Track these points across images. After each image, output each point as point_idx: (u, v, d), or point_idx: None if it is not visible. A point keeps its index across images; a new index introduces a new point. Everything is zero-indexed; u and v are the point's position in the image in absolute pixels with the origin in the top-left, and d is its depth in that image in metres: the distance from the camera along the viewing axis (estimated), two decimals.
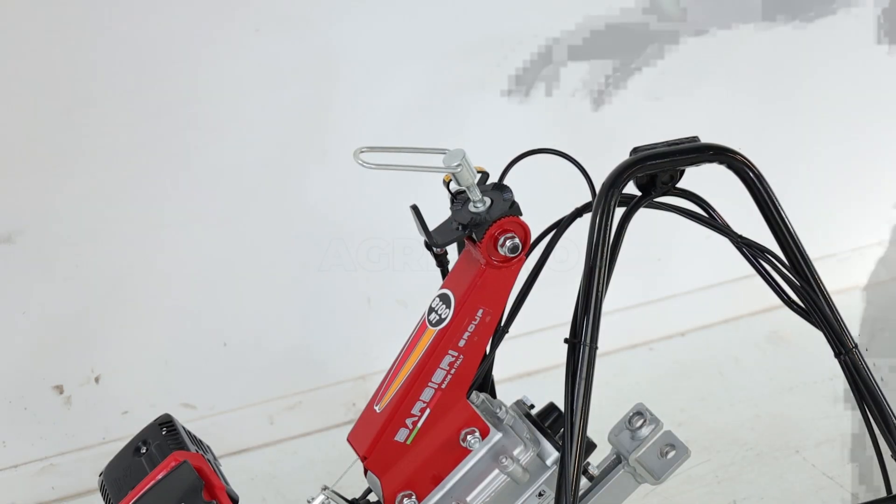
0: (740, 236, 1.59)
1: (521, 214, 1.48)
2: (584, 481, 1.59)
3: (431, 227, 1.50)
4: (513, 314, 1.59)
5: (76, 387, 2.55)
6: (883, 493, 1.73)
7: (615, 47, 2.73)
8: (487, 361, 1.61)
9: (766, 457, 2.47)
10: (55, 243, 2.45)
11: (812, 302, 1.55)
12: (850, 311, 2.70)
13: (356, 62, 2.56)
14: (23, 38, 2.30)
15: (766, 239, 1.55)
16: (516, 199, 1.49)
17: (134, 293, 2.56)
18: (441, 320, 1.49)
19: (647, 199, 1.57)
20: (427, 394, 1.50)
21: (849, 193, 3.17)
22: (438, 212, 1.55)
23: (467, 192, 1.48)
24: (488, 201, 1.49)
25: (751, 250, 1.56)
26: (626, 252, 1.57)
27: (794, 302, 1.58)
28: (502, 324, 1.58)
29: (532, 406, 1.63)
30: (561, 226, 1.60)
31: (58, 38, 2.32)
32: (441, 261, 1.67)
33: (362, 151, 1.45)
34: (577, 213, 1.59)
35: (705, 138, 1.58)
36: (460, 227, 1.49)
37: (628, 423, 1.59)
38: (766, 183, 1.52)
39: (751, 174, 1.53)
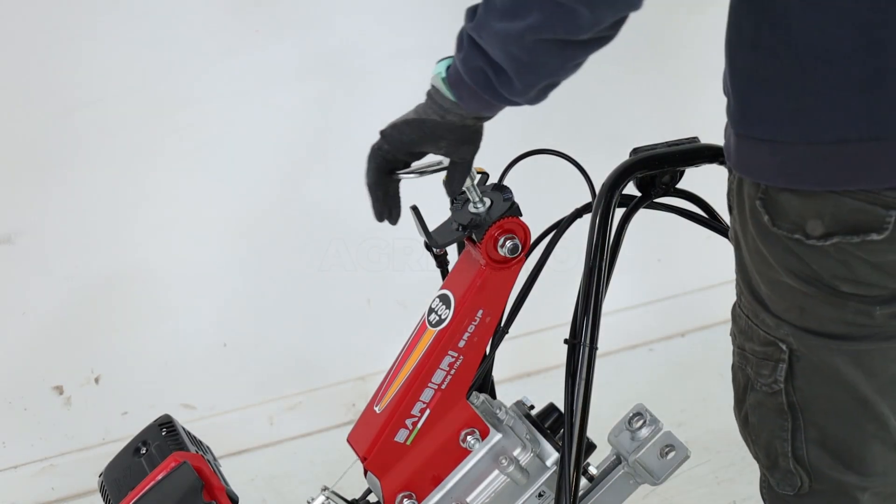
0: None
1: (520, 215, 1.48)
2: (583, 482, 1.58)
3: (431, 227, 1.50)
4: (513, 314, 1.58)
5: (76, 387, 2.55)
6: None
7: (615, 47, 2.73)
8: (487, 362, 1.60)
9: None
10: (55, 243, 2.45)
11: None
12: None
13: (357, 62, 2.56)
14: (22, 40, 2.30)
15: None
16: (516, 199, 1.49)
17: (134, 293, 2.55)
18: (441, 321, 1.49)
19: (647, 199, 1.56)
20: (427, 394, 1.49)
21: None
22: (438, 212, 1.55)
23: (467, 192, 1.48)
24: (488, 202, 1.49)
25: None
26: (626, 252, 1.57)
27: None
28: (502, 324, 1.58)
29: (532, 407, 1.63)
30: (561, 226, 1.59)
31: (58, 39, 2.32)
32: (441, 261, 1.67)
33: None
34: (577, 213, 1.59)
35: (705, 139, 1.58)
36: (460, 228, 1.49)
37: (628, 423, 1.59)
38: None
39: None
